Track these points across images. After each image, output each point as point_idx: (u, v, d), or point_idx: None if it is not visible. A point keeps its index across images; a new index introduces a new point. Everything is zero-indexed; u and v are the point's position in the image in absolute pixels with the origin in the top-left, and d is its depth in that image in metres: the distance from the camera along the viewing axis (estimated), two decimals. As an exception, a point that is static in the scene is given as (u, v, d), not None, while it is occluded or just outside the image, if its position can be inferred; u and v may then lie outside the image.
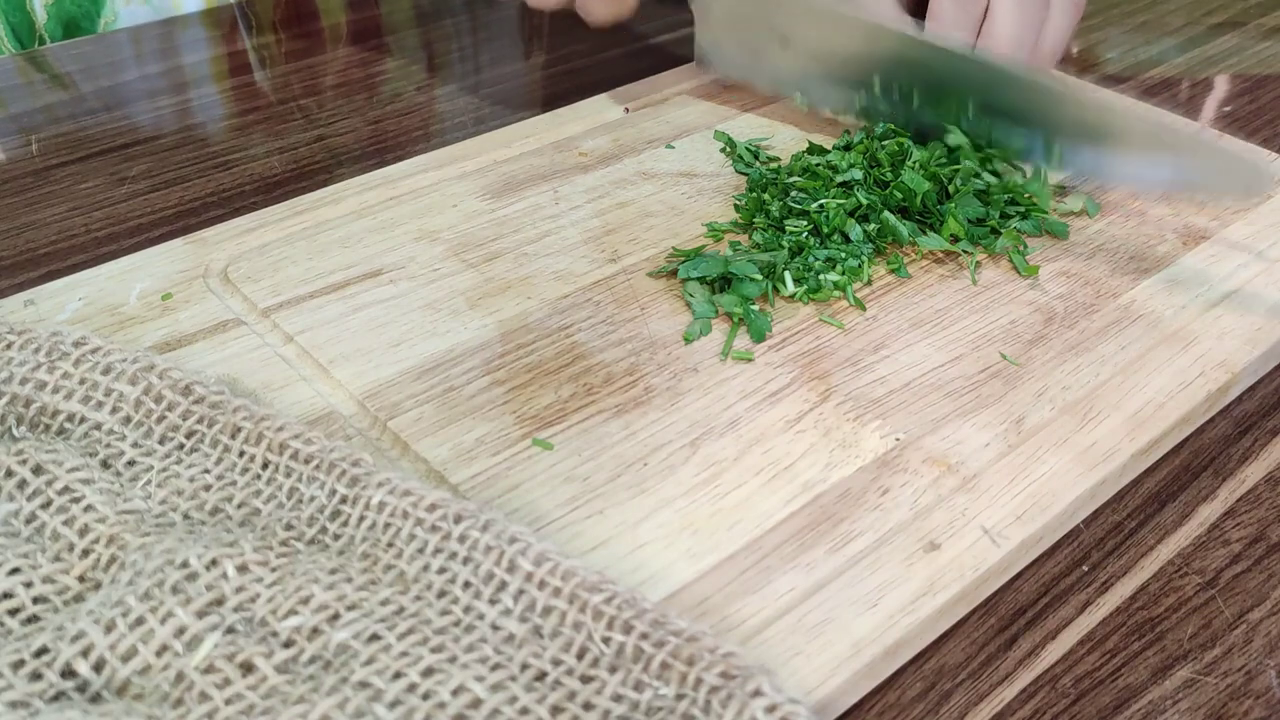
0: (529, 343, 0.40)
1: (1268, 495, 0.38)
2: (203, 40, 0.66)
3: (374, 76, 0.63)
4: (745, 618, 0.31)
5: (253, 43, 0.66)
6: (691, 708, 0.27)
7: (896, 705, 0.31)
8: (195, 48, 0.65)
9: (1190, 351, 0.41)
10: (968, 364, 0.40)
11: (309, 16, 0.69)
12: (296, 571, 0.29)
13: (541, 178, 0.50)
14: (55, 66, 0.62)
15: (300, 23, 0.69)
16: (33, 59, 0.63)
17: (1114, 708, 0.31)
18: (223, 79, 0.62)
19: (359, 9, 0.70)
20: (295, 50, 0.65)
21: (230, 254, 0.44)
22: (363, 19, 0.69)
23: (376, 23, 0.69)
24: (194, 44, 0.66)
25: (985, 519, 0.34)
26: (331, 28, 0.68)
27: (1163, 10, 0.74)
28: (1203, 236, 0.47)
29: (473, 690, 0.27)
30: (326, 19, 0.69)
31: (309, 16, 0.69)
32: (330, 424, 0.37)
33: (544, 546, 0.30)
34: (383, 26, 0.69)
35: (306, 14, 0.70)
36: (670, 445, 0.36)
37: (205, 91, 0.61)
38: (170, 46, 0.65)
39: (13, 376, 0.34)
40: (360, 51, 0.65)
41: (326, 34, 0.68)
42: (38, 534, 0.31)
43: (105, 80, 0.61)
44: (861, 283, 0.44)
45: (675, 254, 0.45)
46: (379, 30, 0.68)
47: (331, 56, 0.65)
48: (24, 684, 0.27)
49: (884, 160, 0.48)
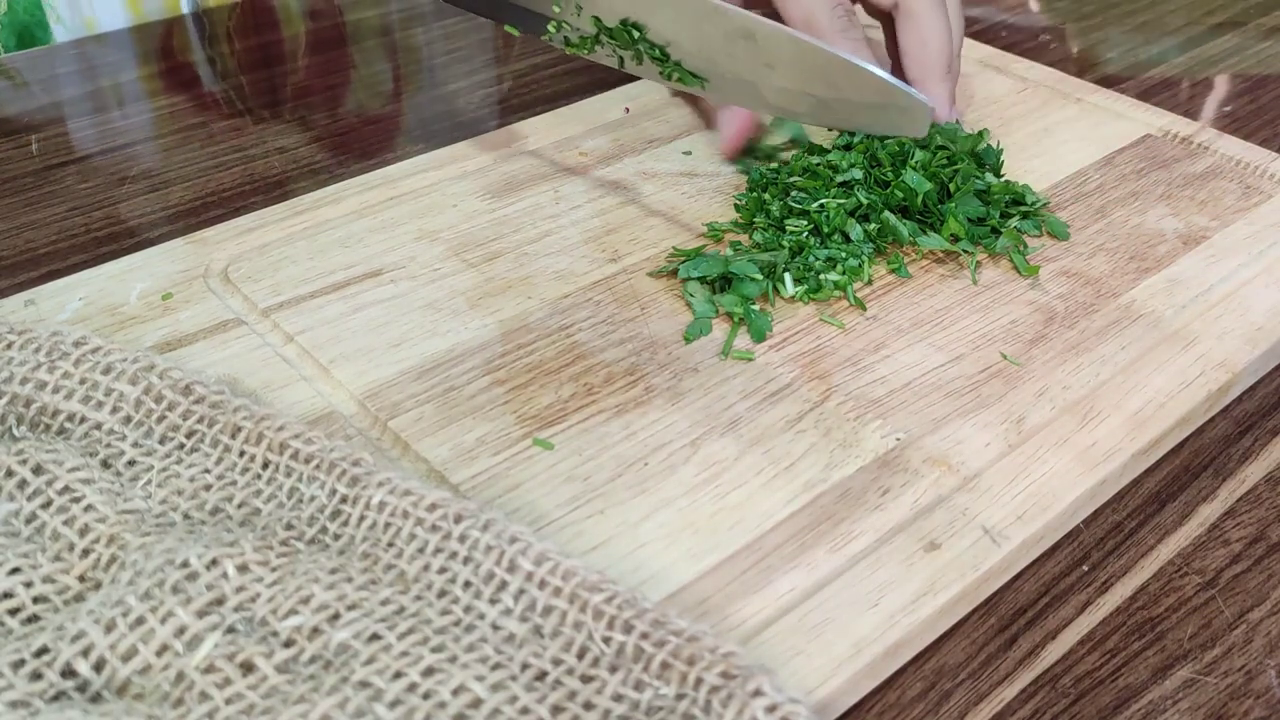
0: (529, 342, 0.40)
1: (1268, 495, 0.38)
2: (204, 40, 0.66)
3: (375, 76, 0.63)
4: (746, 618, 0.31)
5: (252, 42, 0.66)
6: (692, 707, 0.27)
7: (896, 705, 0.31)
8: (196, 49, 0.65)
9: (1190, 351, 0.41)
10: (968, 364, 0.40)
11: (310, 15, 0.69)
12: (297, 571, 0.29)
13: (542, 177, 0.50)
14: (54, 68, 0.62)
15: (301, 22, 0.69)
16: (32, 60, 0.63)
17: (1114, 708, 0.31)
18: (224, 79, 0.62)
19: (363, 8, 0.70)
20: (295, 50, 0.65)
21: (231, 254, 0.44)
22: (362, 19, 0.69)
23: (378, 22, 0.69)
24: (194, 45, 0.66)
25: (986, 519, 0.34)
26: (333, 27, 0.68)
27: (1163, 10, 0.74)
28: (1203, 236, 0.47)
29: (473, 690, 0.27)
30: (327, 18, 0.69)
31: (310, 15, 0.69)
32: (331, 424, 0.37)
33: (544, 546, 0.30)
34: (384, 27, 0.68)
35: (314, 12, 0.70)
36: (671, 445, 0.36)
37: (206, 91, 0.60)
38: (174, 46, 0.65)
39: (13, 376, 0.34)
40: (361, 51, 0.65)
41: (327, 34, 0.68)
42: (38, 534, 0.31)
43: (102, 81, 0.61)
44: (862, 282, 0.44)
45: (676, 254, 0.45)
46: (379, 30, 0.68)
47: (331, 56, 0.65)
48: (24, 684, 0.27)
49: (884, 160, 0.48)
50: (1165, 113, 0.57)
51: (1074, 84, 0.59)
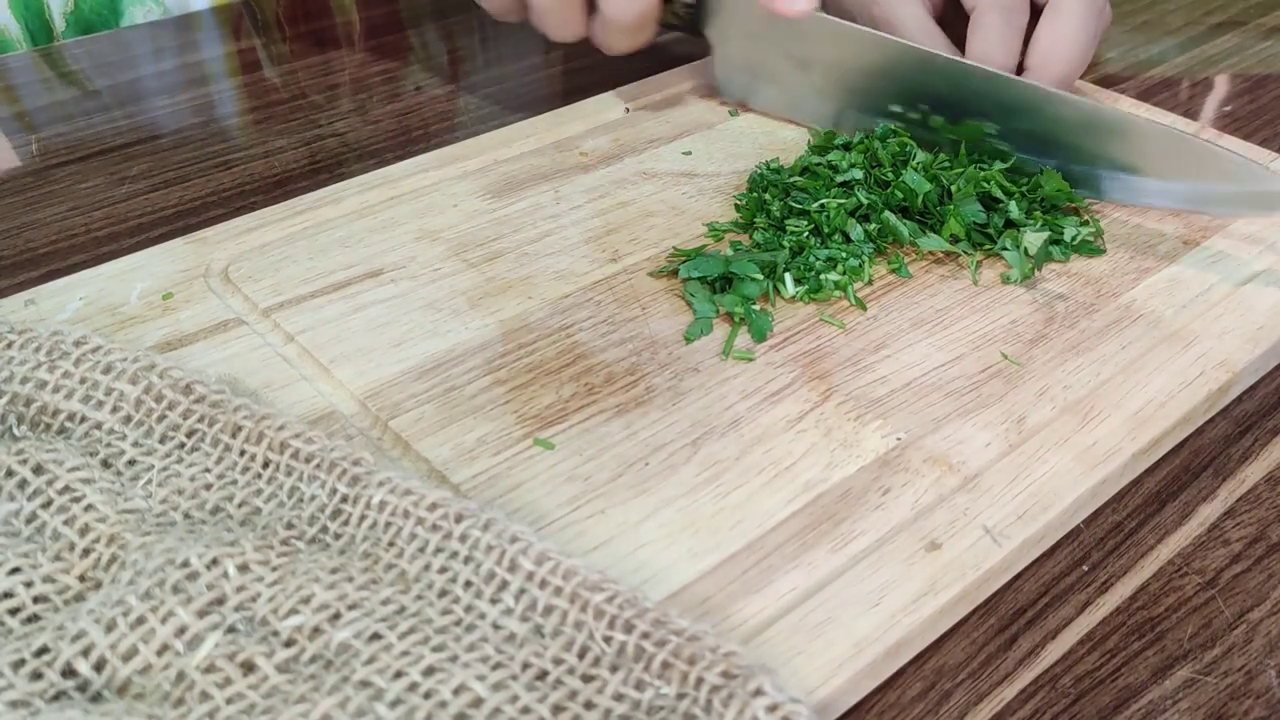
0: (530, 342, 0.40)
1: (1268, 495, 0.38)
2: (206, 39, 0.66)
3: (374, 76, 0.63)
4: (747, 617, 0.31)
5: (252, 42, 0.66)
6: (693, 707, 0.27)
7: (897, 705, 0.31)
8: (198, 47, 0.65)
9: (1191, 351, 0.41)
10: (969, 363, 0.40)
11: (311, 15, 0.69)
12: (297, 571, 0.29)
13: (542, 177, 0.50)
14: (64, 64, 0.62)
15: (300, 22, 0.69)
16: (43, 55, 0.63)
17: (1114, 708, 0.31)
18: (223, 78, 0.62)
19: (361, 9, 0.70)
20: (295, 50, 0.65)
21: (231, 253, 0.44)
22: (362, 19, 0.69)
23: (377, 23, 0.69)
24: (197, 43, 0.66)
25: (986, 518, 0.34)
26: (331, 28, 0.68)
27: (1163, 10, 0.74)
28: (1203, 236, 0.47)
29: (474, 689, 0.27)
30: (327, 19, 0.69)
31: (311, 15, 0.69)
32: (331, 423, 0.37)
33: (545, 546, 0.30)
34: (384, 27, 0.69)
35: (309, 13, 0.70)
36: (671, 445, 0.36)
37: (206, 91, 0.60)
38: (174, 45, 0.65)
39: (13, 376, 0.34)
40: (360, 51, 0.65)
41: (326, 34, 0.68)
42: (38, 533, 0.31)
43: (101, 81, 0.61)
44: (862, 282, 0.44)
45: (676, 254, 0.45)
46: (380, 30, 0.68)
47: (331, 56, 0.65)
48: (24, 683, 0.27)
49: (885, 160, 0.48)
50: (1165, 113, 0.57)
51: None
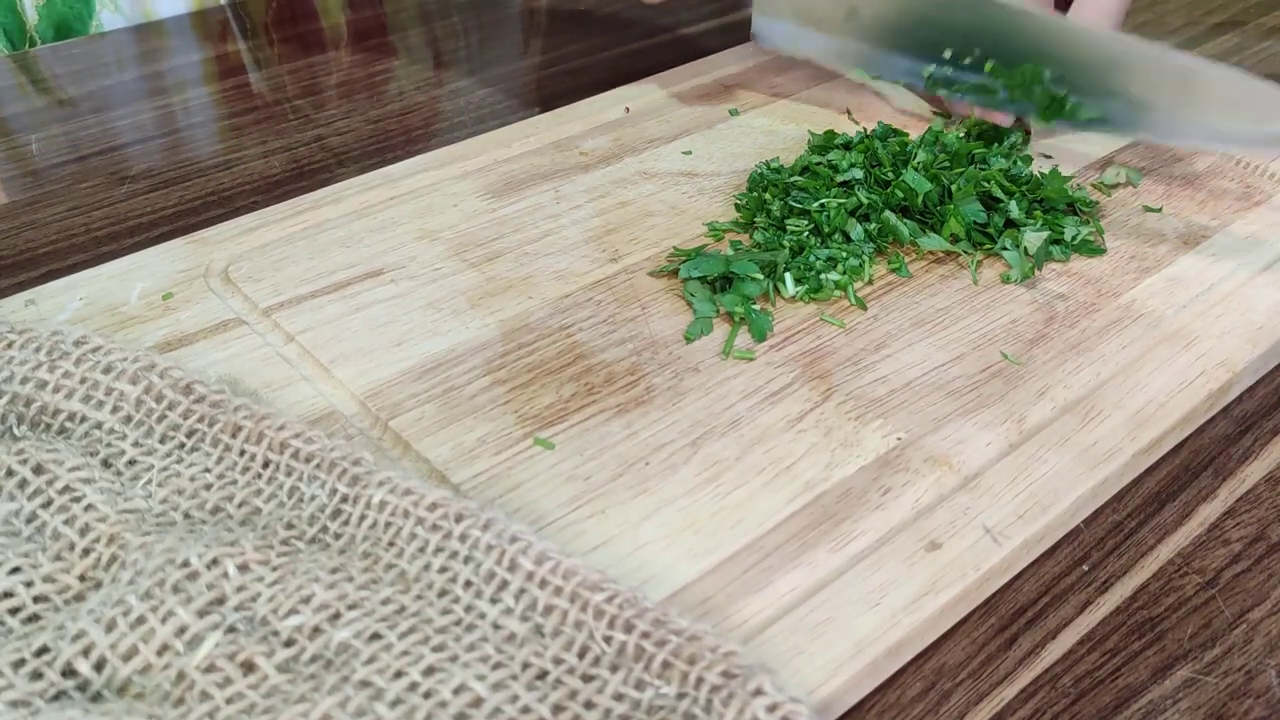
0: (530, 342, 0.40)
1: (1268, 495, 0.38)
2: (206, 39, 0.66)
3: (373, 76, 0.63)
4: (747, 617, 0.31)
5: (250, 43, 0.66)
6: (693, 707, 0.27)
7: (897, 705, 0.31)
8: (194, 49, 0.65)
9: (1191, 351, 0.41)
10: (969, 363, 0.40)
11: (307, 16, 0.69)
12: (298, 570, 0.29)
13: (542, 177, 0.50)
14: (51, 68, 0.62)
15: (299, 23, 0.69)
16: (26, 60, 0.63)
17: (1114, 707, 0.31)
18: (224, 79, 0.62)
19: (358, 9, 0.70)
20: (295, 50, 0.65)
21: (231, 253, 0.44)
22: (362, 19, 0.69)
23: (376, 23, 0.69)
24: (193, 45, 0.66)
25: (987, 518, 0.34)
26: (331, 28, 0.68)
27: (1163, 10, 0.74)
28: (1203, 236, 0.47)
29: (474, 689, 0.27)
30: (326, 19, 0.69)
31: (307, 16, 0.69)
32: (331, 423, 0.37)
33: (545, 545, 0.30)
34: (382, 27, 0.69)
35: (304, 14, 0.70)
36: (672, 445, 0.36)
37: (206, 91, 0.60)
38: (173, 45, 0.65)
39: (14, 376, 0.34)
40: (359, 52, 0.65)
41: (326, 34, 0.68)
42: (38, 533, 0.31)
43: (101, 81, 0.61)
44: (862, 282, 0.44)
45: (676, 253, 0.45)
46: (378, 30, 0.68)
47: (331, 56, 0.65)
48: (25, 683, 0.27)
49: (885, 160, 0.48)
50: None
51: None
